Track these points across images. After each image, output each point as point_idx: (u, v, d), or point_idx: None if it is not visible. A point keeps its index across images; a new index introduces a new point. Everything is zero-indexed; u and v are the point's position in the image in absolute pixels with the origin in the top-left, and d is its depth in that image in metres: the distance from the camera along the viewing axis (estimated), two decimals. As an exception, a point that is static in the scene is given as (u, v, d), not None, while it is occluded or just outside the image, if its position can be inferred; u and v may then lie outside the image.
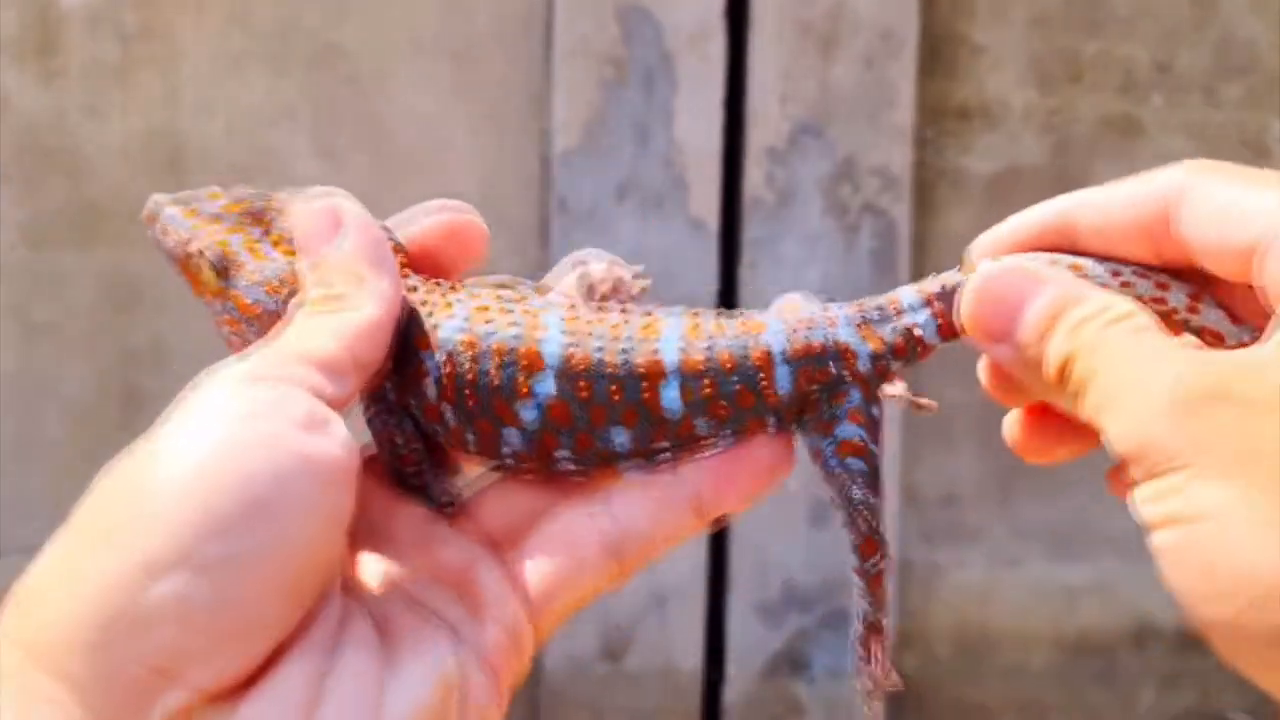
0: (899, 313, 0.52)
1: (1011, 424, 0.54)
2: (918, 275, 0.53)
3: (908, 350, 0.52)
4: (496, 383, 0.46)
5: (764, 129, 1.70)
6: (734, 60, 1.70)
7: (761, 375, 0.48)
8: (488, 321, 0.46)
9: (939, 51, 1.76)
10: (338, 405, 0.42)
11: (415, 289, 0.48)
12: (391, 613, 0.44)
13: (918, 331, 0.52)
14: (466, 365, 0.46)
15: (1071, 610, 1.87)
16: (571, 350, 0.46)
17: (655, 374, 0.47)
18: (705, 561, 1.75)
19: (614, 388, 0.46)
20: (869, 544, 0.52)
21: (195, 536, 0.38)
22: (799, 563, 1.76)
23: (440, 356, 0.46)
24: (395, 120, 1.73)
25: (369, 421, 0.47)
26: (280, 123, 1.72)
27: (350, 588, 0.45)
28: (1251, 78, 1.81)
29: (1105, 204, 0.49)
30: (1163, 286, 0.48)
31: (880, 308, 0.52)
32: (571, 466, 0.48)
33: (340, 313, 0.44)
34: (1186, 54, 1.80)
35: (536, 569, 0.46)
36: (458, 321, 0.46)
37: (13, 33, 1.69)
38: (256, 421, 0.40)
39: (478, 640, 0.45)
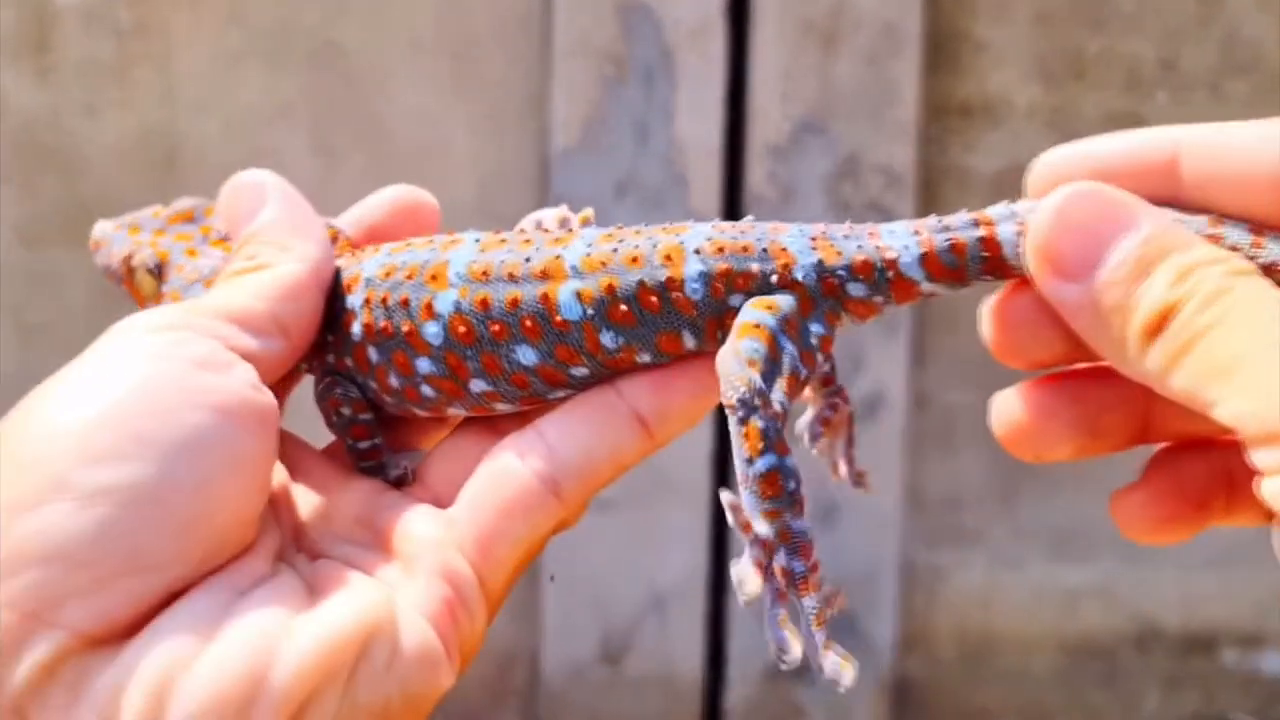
0: (873, 235, 0.47)
1: (1008, 406, 0.46)
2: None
3: (872, 274, 0.46)
4: (405, 299, 0.44)
5: (765, 126, 1.69)
6: (735, 57, 1.69)
7: (669, 273, 0.43)
8: (407, 248, 0.45)
9: (942, 48, 1.76)
10: (262, 361, 0.41)
11: (344, 254, 0.47)
12: (322, 574, 0.41)
13: (890, 254, 0.47)
14: (381, 293, 0.44)
15: (1074, 613, 1.87)
16: (473, 262, 0.43)
17: (554, 274, 0.43)
18: (705, 564, 1.75)
19: (512, 294, 0.43)
20: (749, 436, 0.43)
21: (69, 467, 0.35)
22: (800, 565, 1.76)
23: (361, 294, 0.45)
24: (394, 118, 1.73)
25: (319, 399, 0.46)
26: (278, 121, 1.72)
27: (283, 555, 0.43)
28: (1257, 75, 1.81)
29: (1224, 145, 0.40)
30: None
31: (853, 231, 0.46)
32: (500, 405, 0.45)
33: (259, 273, 0.43)
34: (1191, 51, 1.80)
35: (471, 516, 0.44)
36: (380, 257, 0.46)
37: (7, 30, 1.69)
38: (151, 361, 0.38)
39: (415, 593, 0.42)
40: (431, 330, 0.44)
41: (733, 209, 1.72)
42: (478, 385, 0.45)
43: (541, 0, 1.70)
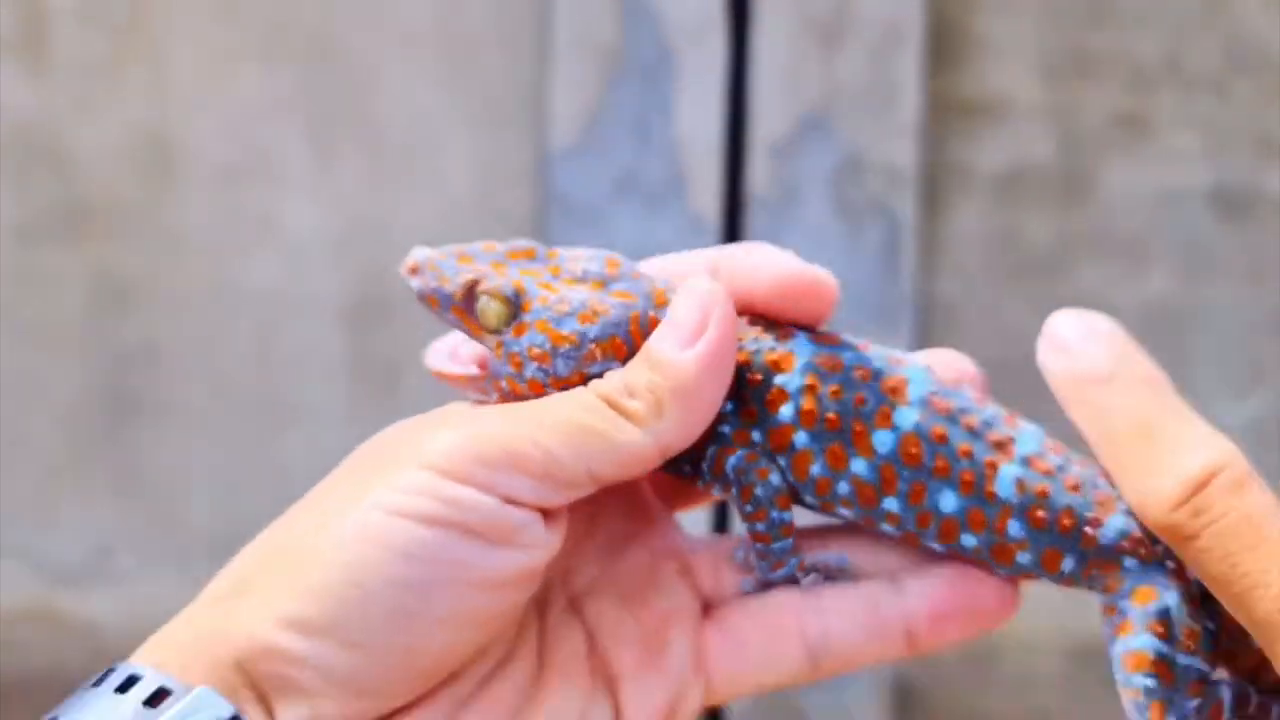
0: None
1: None
2: (924, 272, 0.51)
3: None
4: (861, 399, 0.44)
5: (766, 124, 1.69)
6: (736, 54, 1.69)
7: (1095, 514, 0.46)
8: (842, 346, 0.46)
9: (945, 45, 1.76)
10: (554, 508, 0.40)
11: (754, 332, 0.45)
12: (554, 657, 0.42)
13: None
14: (832, 385, 0.44)
15: (1080, 617, 1.86)
16: (935, 394, 0.45)
17: (1003, 449, 0.46)
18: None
19: (966, 446, 0.45)
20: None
21: (335, 617, 0.37)
22: (802, 567, 1.75)
23: (800, 379, 0.44)
24: (390, 115, 1.72)
25: (710, 467, 0.44)
26: (273, 118, 1.71)
27: (545, 601, 0.43)
28: (1263, 74, 1.81)
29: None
30: None
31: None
32: (886, 526, 0.45)
33: (613, 429, 0.40)
34: (1197, 49, 1.80)
35: (729, 648, 0.45)
36: (812, 345, 0.45)
37: (1, 28, 1.68)
38: (433, 529, 0.38)
39: (633, 702, 0.43)
40: (882, 439, 0.44)
41: (733, 207, 1.72)
42: (890, 504, 0.45)
43: (540, -3, 1.70)
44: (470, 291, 0.44)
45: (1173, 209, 1.83)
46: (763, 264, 0.44)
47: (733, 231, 1.74)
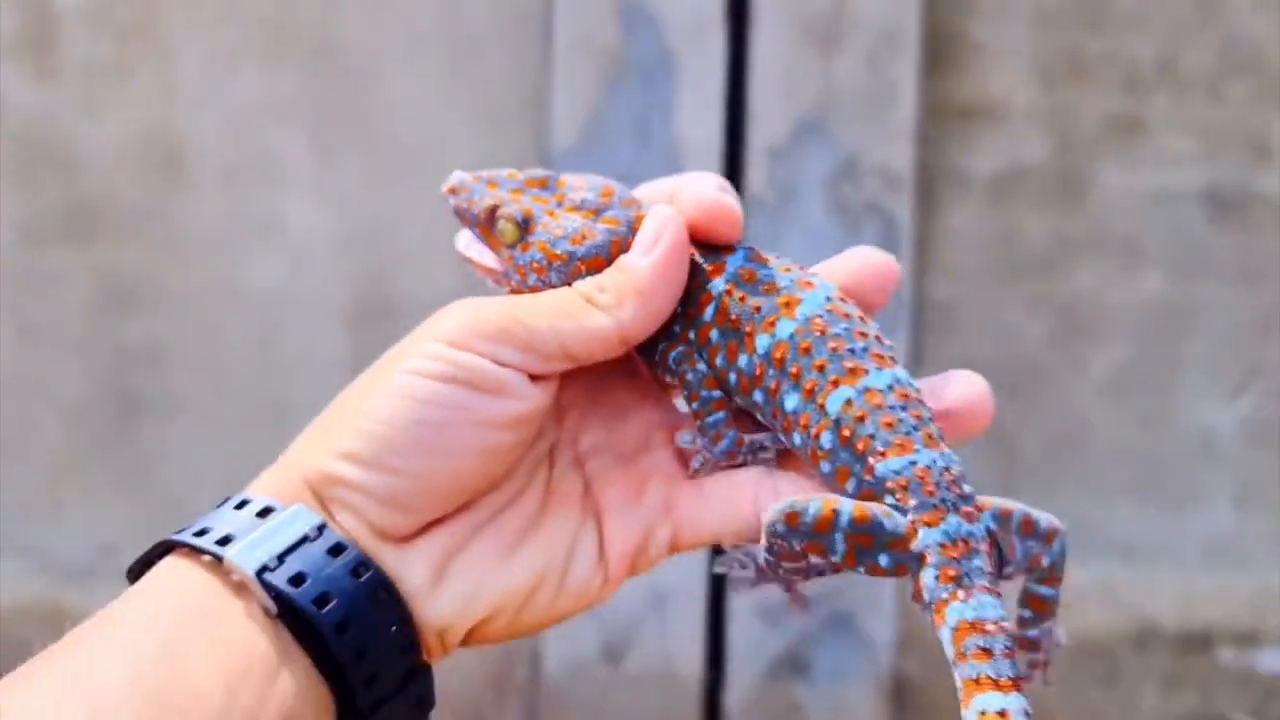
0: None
1: None
2: (920, 274, 0.53)
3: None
4: (758, 306, 0.54)
5: (765, 127, 1.70)
6: (735, 57, 1.70)
7: (884, 450, 0.53)
8: (765, 265, 0.56)
9: (941, 49, 1.76)
10: (538, 372, 0.52)
11: (701, 251, 0.56)
12: (555, 498, 0.54)
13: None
14: (740, 292, 0.54)
15: (1073, 612, 1.87)
16: (817, 315, 0.54)
17: (855, 373, 0.53)
18: (706, 563, 1.75)
19: (820, 362, 0.53)
20: None
21: (376, 451, 0.50)
22: (799, 564, 1.76)
23: (723, 284, 0.54)
24: (393, 116, 1.73)
25: (660, 360, 0.55)
26: (277, 119, 1.72)
27: (554, 452, 0.55)
28: (1257, 76, 1.81)
29: None
30: None
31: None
32: (759, 416, 0.55)
33: (582, 314, 0.53)
34: (1191, 52, 1.80)
35: (696, 502, 0.55)
36: (740, 259, 0.55)
37: (8, 30, 1.69)
38: (444, 382, 0.51)
39: (614, 530, 0.54)
40: (762, 341, 0.53)
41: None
42: (757, 395, 0.54)
43: None
44: (491, 214, 0.56)
45: (1167, 210, 1.84)
46: (695, 190, 0.55)
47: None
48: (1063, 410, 1.82)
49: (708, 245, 0.56)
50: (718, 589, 1.78)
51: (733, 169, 1.72)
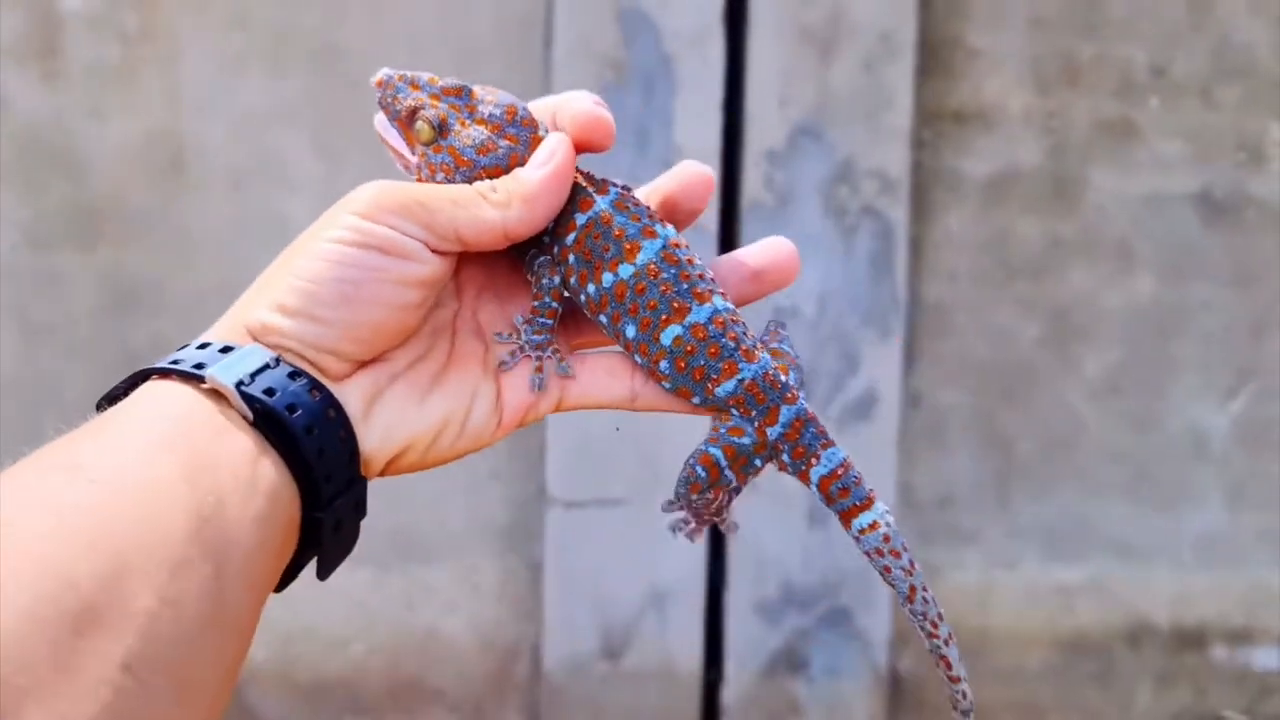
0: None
1: None
2: (915, 276, 0.55)
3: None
4: (606, 248, 0.65)
5: (763, 131, 1.71)
6: (733, 63, 1.70)
7: (717, 377, 0.66)
8: (625, 212, 0.65)
9: (937, 54, 1.77)
10: (435, 246, 0.61)
11: (583, 180, 0.66)
12: (459, 355, 0.65)
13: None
14: (596, 231, 0.65)
15: (1068, 610, 1.88)
16: (653, 261, 0.64)
17: (681, 311, 0.64)
18: (704, 561, 1.76)
19: (653, 301, 0.64)
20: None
21: (305, 304, 0.60)
22: (797, 562, 1.77)
23: (585, 217, 0.65)
24: (396, 122, 1.74)
25: (528, 260, 0.66)
26: (281, 123, 1.73)
27: (457, 320, 0.66)
28: (1249, 80, 1.82)
29: None
30: None
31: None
32: (610, 336, 0.67)
33: (475, 207, 0.63)
34: (1183, 57, 1.81)
35: (585, 374, 0.66)
36: (608, 201, 0.66)
37: (14, 34, 1.70)
38: (359, 247, 0.60)
39: (508, 387, 0.65)
40: (607, 277, 0.64)
41: (730, 212, 1.73)
42: (603, 319, 0.66)
43: (542, 5, 1.71)
44: (413, 114, 0.65)
45: (1159, 213, 1.85)
46: (575, 106, 0.66)
47: (729, 236, 1.75)
48: (1057, 411, 1.83)
49: (591, 179, 0.66)
50: (716, 588, 1.79)
51: (731, 173, 1.72)
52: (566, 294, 0.66)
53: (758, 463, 0.66)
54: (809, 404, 0.66)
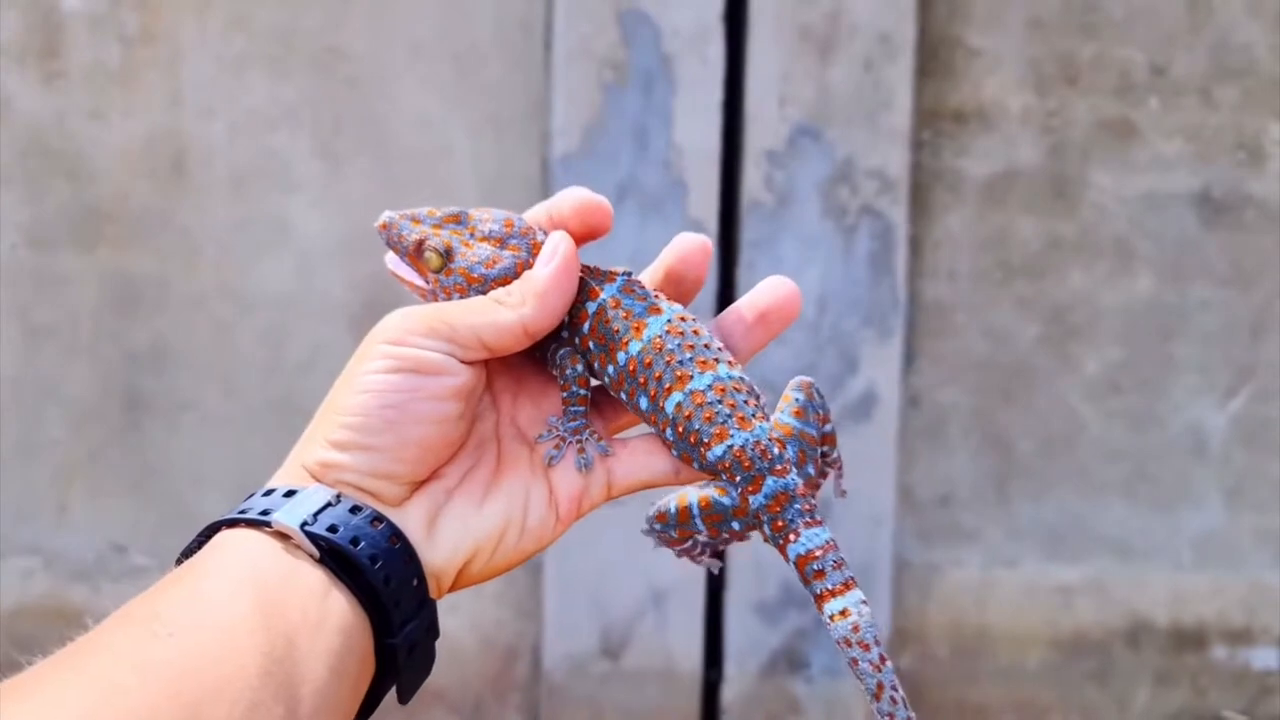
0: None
1: None
2: (915, 276, 0.56)
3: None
4: (617, 329, 0.69)
5: (762, 131, 1.71)
6: (733, 63, 1.71)
7: (709, 441, 0.68)
8: (631, 295, 0.70)
9: (936, 55, 1.77)
10: (464, 359, 0.65)
11: (589, 273, 0.71)
12: (506, 461, 0.68)
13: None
14: (608, 315, 0.69)
15: (1067, 610, 1.88)
16: (658, 336, 0.69)
17: (683, 379, 0.68)
18: (704, 561, 1.76)
19: (660, 373, 0.68)
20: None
21: (355, 436, 0.64)
22: (797, 562, 1.77)
23: (595, 305, 0.70)
24: (396, 123, 1.74)
25: (550, 355, 0.70)
26: (281, 125, 1.73)
27: (499, 430, 0.69)
28: (1248, 80, 1.82)
29: None
30: None
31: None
32: (632, 412, 0.71)
33: (493, 313, 0.67)
34: (1183, 57, 1.81)
35: (624, 456, 0.70)
36: (614, 289, 0.70)
37: (15, 35, 1.70)
38: (394, 373, 0.64)
39: (560, 482, 0.68)
40: (620, 356, 0.69)
41: (730, 213, 1.74)
42: (622, 395, 0.70)
43: (542, 6, 1.71)
44: (419, 246, 0.70)
45: (1158, 213, 1.85)
46: (569, 197, 0.70)
47: (729, 236, 1.76)
48: (1055, 410, 1.83)
49: (596, 271, 0.71)
50: (715, 587, 1.79)
51: (730, 173, 1.73)
52: (593, 379, 0.70)
53: (735, 525, 0.68)
54: (804, 478, 0.68)
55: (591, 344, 0.69)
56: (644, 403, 0.68)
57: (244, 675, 0.56)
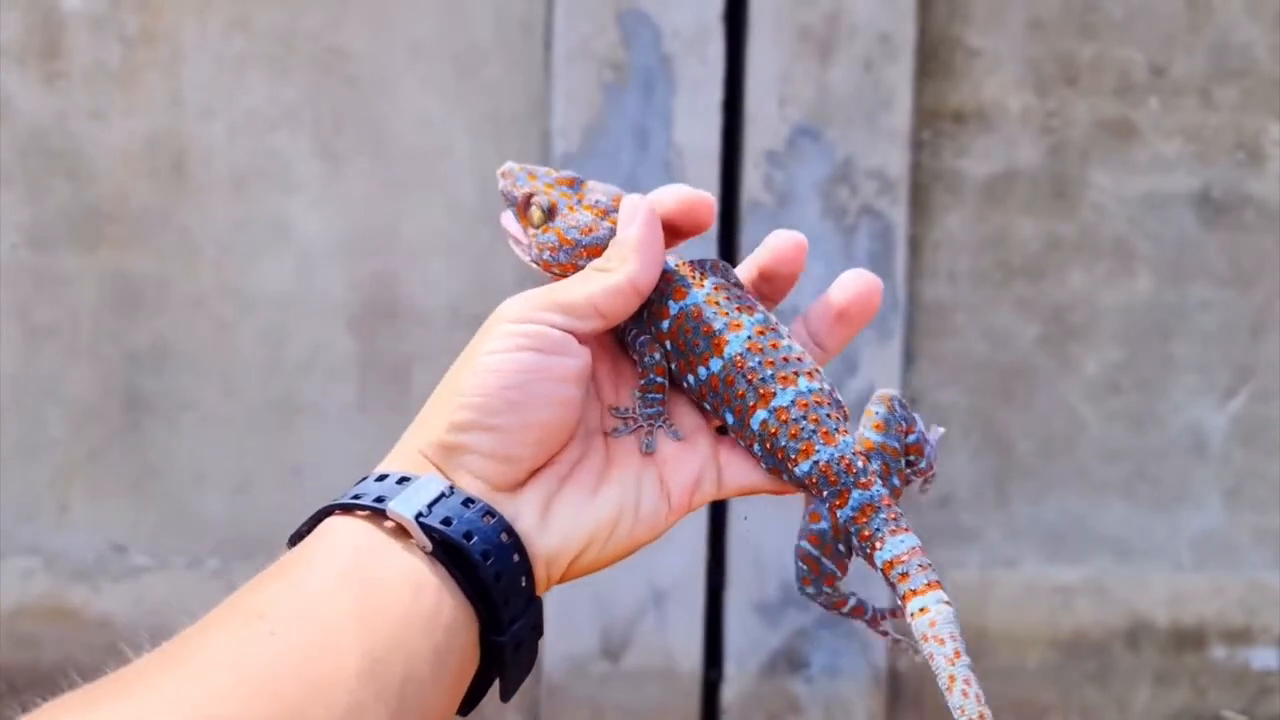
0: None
1: None
2: (914, 276, 0.56)
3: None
4: (696, 343, 0.70)
5: (762, 131, 1.71)
6: (732, 63, 1.71)
7: (795, 456, 0.69)
8: (715, 307, 0.70)
9: (936, 55, 1.77)
10: (580, 332, 0.66)
11: (677, 265, 0.72)
12: (621, 450, 0.68)
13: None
14: (688, 325, 0.70)
15: (1066, 610, 1.88)
16: (740, 354, 0.69)
17: (766, 397, 0.69)
18: (703, 560, 1.76)
19: (742, 390, 0.69)
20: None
21: (479, 417, 0.63)
22: (797, 562, 1.77)
23: (676, 308, 0.70)
24: (396, 123, 1.74)
25: (630, 340, 0.71)
26: (282, 126, 1.73)
27: (604, 424, 0.69)
28: (1247, 81, 1.82)
29: None
30: None
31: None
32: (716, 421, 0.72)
33: (600, 279, 0.67)
34: (1182, 57, 1.81)
35: (736, 456, 0.69)
36: (701, 294, 0.70)
37: (16, 36, 1.70)
38: (518, 351, 0.64)
39: (672, 474, 0.68)
40: (701, 371, 0.70)
41: (730, 213, 1.74)
42: (706, 406, 0.70)
43: (542, 6, 1.71)
44: (528, 199, 0.72)
45: (1158, 213, 1.85)
46: (671, 194, 0.70)
47: (729, 236, 1.76)
48: (1055, 410, 1.84)
49: (691, 266, 0.71)
50: (716, 587, 1.79)
51: (730, 173, 1.73)
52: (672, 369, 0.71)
53: (841, 547, 0.70)
54: (889, 489, 0.70)
55: (669, 344, 0.70)
56: (730, 418, 0.69)
57: (343, 676, 0.56)
